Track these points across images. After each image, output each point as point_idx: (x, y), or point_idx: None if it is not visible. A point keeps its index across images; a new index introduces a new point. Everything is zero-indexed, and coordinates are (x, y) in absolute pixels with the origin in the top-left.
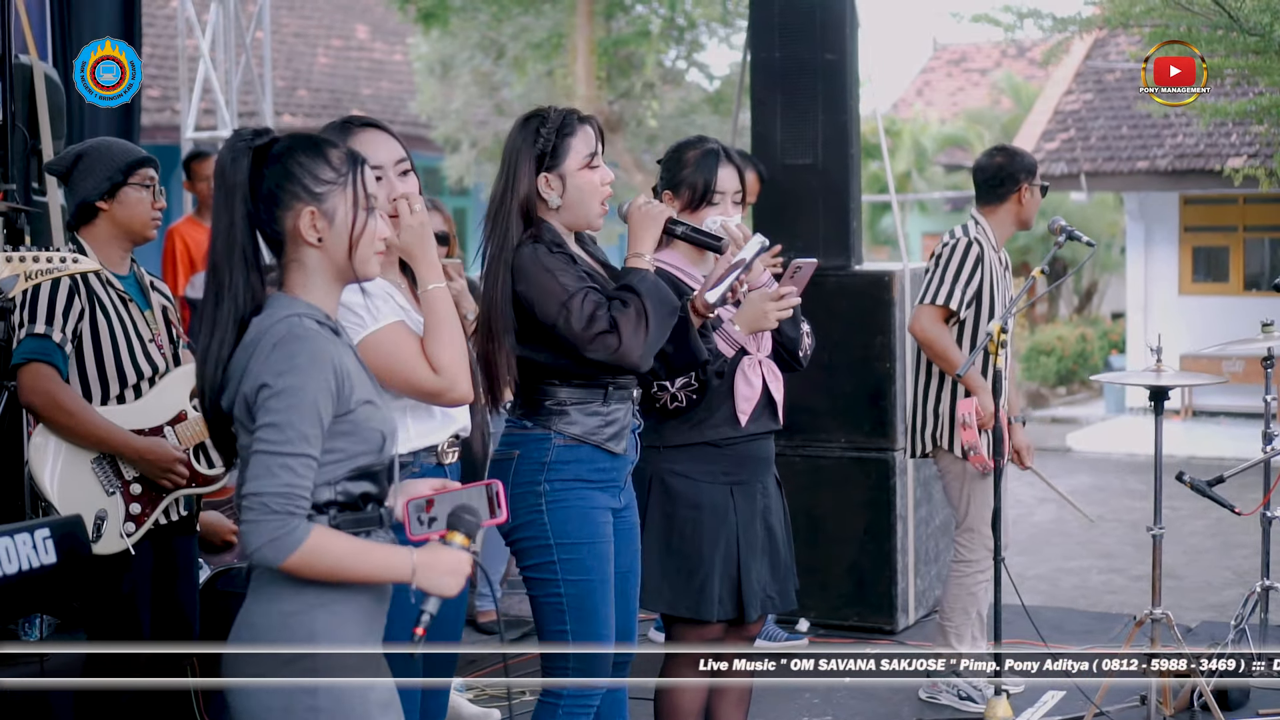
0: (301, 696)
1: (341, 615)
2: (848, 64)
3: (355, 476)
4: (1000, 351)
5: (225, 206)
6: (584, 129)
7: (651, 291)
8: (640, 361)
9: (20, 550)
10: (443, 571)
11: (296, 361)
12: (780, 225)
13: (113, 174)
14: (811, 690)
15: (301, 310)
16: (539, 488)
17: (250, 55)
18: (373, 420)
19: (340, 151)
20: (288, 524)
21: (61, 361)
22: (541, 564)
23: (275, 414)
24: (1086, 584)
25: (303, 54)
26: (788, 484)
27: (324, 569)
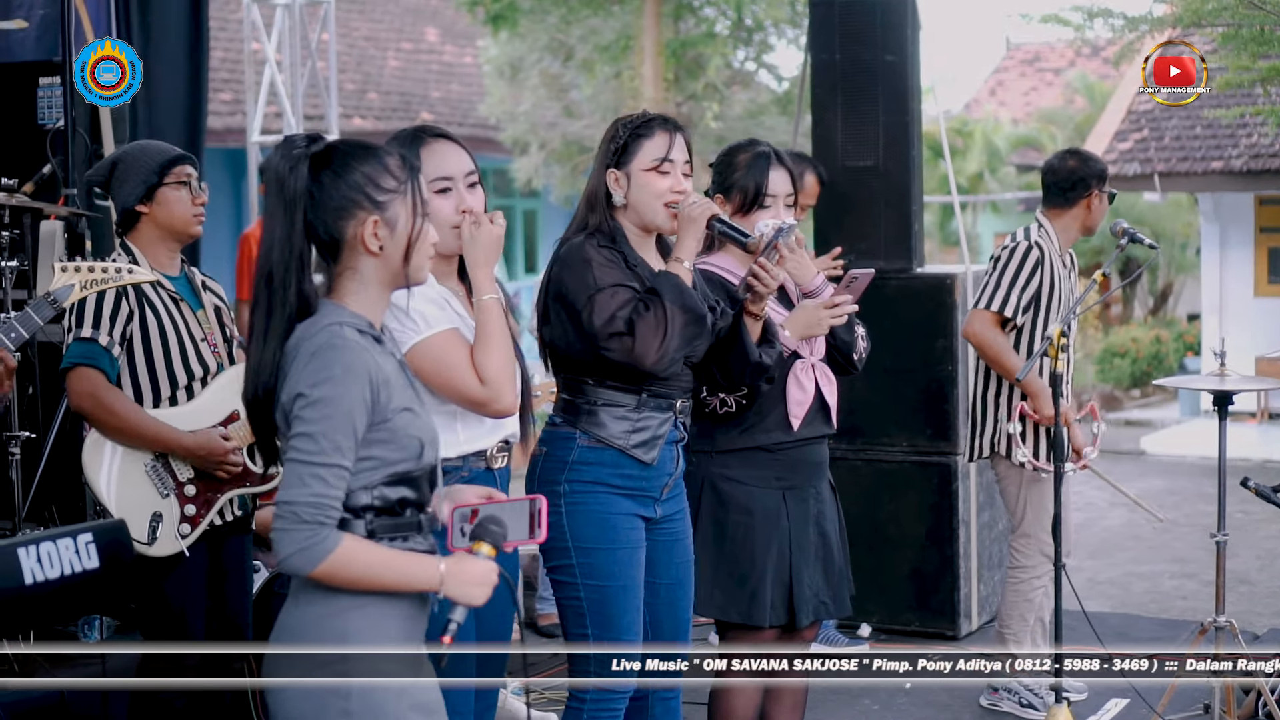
0: (334, 699)
1: (375, 618)
2: (909, 65)
3: (393, 482)
4: (1061, 355)
5: (284, 215)
6: (661, 134)
7: (674, 297)
8: (654, 366)
9: (63, 555)
10: (470, 582)
11: (332, 372)
12: (841, 228)
13: (148, 176)
14: (871, 696)
15: (345, 319)
16: (559, 488)
17: (316, 59)
18: (411, 428)
19: (397, 159)
20: (318, 534)
21: (109, 365)
22: (561, 566)
23: (309, 424)
24: (1158, 589)
25: (373, 57)
26: (849, 488)
27: (352, 577)
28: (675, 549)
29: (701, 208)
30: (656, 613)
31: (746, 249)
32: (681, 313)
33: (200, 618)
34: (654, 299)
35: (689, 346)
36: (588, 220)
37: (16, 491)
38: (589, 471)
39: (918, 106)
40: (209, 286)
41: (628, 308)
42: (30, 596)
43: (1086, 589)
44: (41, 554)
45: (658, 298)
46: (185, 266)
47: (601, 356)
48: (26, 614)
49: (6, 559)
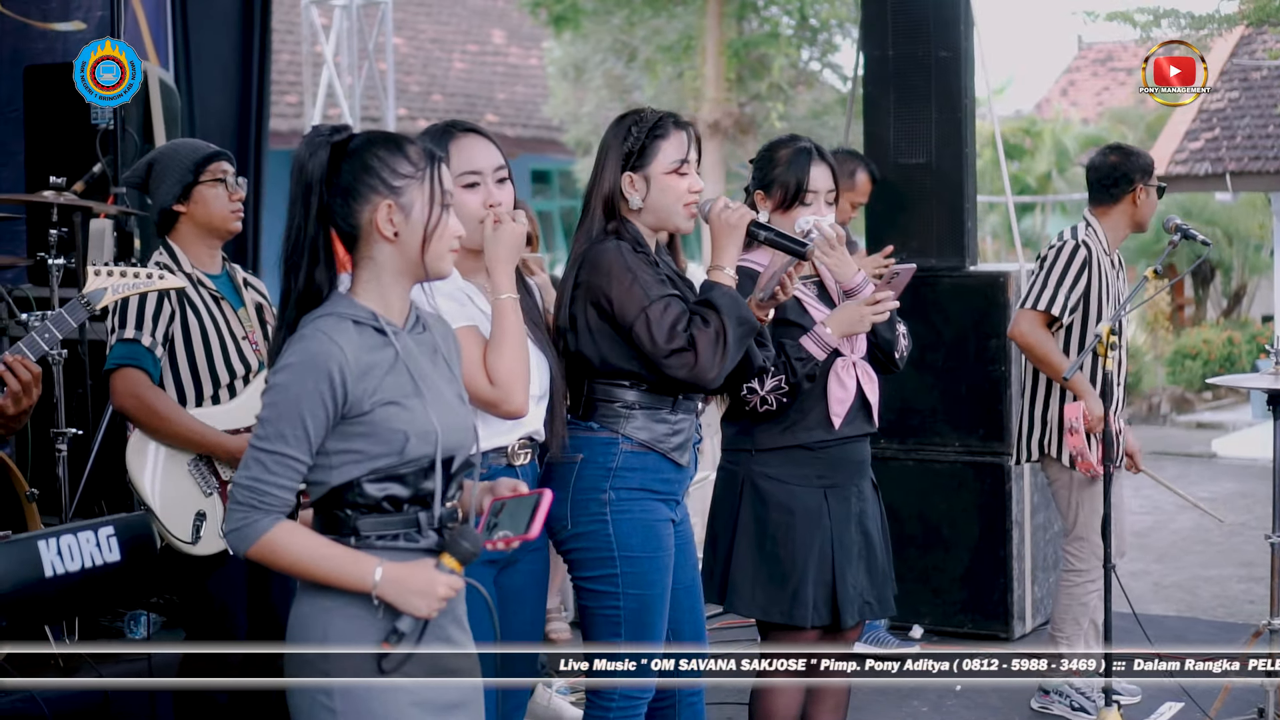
0: (319, 694)
1: (356, 619)
2: (962, 62)
3: (377, 479)
4: (1110, 354)
5: (301, 202)
6: (678, 134)
7: (731, 309)
8: (714, 382)
9: (83, 548)
10: (411, 590)
11: (290, 361)
12: (894, 225)
13: (183, 175)
14: (920, 698)
15: (340, 310)
16: (603, 495)
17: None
18: (395, 421)
19: (418, 147)
20: (249, 516)
21: (152, 365)
22: (602, 576)
23: (264, 409)
24: (1226, 593)
25: (439, 59)
26: (900, 489)
27: (284, 564)
28: (688, 551)
29: (740, 214)
30: (676, 616)
31: (803, 257)
32: (737, 325)
33: (243, 615)
34: (710, 312)
35: (740, 356)
36: (605, 225)
37: (63, 488)
38: (633, 478)
39: (971, 104)
40: (251, 284)
41: (684, 321)
42: (51, 589)
43: (1153, 593)
44: (62, 546)
45: (714, 311)
46: (227, 264)
47: (664, 374)
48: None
49: (27, 551)
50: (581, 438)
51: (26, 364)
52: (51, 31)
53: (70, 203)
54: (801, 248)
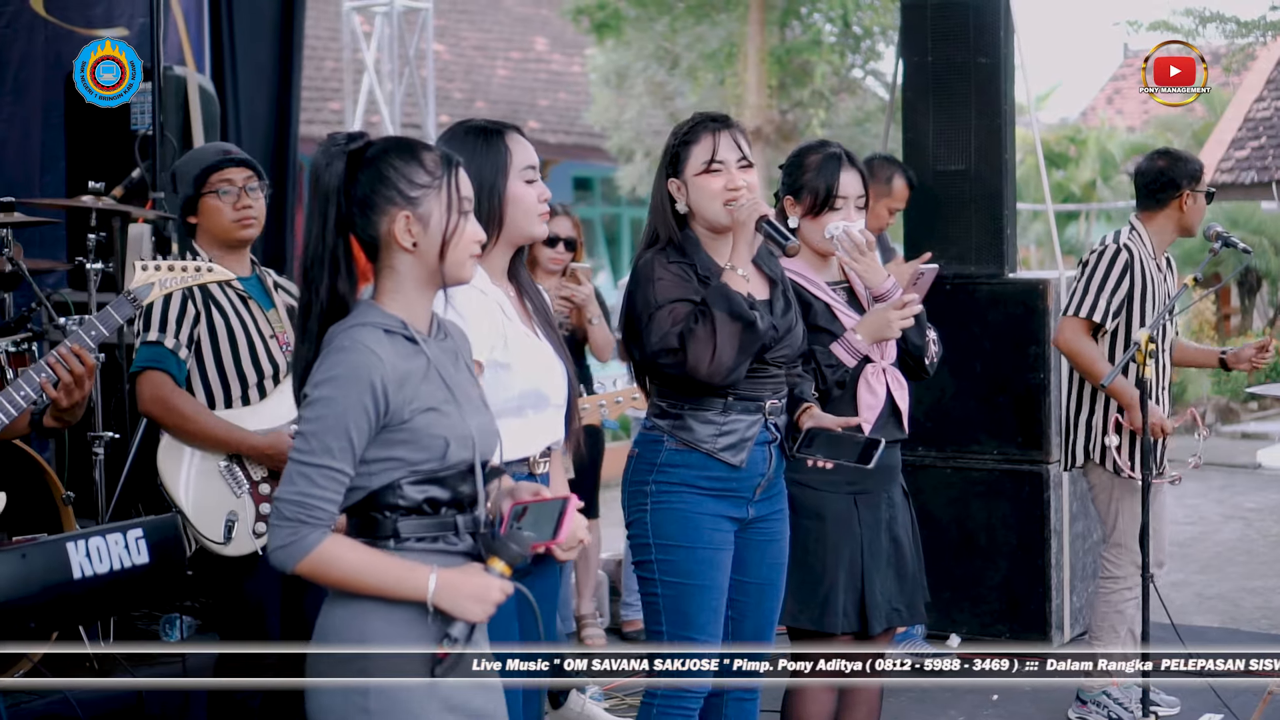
0: (354, 696)
1: (397, 622)
2: (1002, 68)
3: (418, 481)
4: (1149, 361)
5: (319, 211)
6: (705, 136)
7: (722, 305)
8: (709, 377)
9: (112, 550)
10: (466, 595)
11: (333, 373)
12: (932, 232)
13: (186, 189)
14: (957, 707)
15: (371, 319)
16: (647, 488)
17: (414, 67)
18: (435, 427)
19: (435, 154)
20: (298, 531)
21: (176, 368)
22: (643, 562)
23: (305, 422)
24: (1270, 605)
25: (482, 66)
26: (938, 496)
27: (336, 578)
28: (768, 549)
29: (749, 209)
30: (743, 610)
31: (785, 252)
32: (730, 321)
33: (277, 615)
34: (704, 311)
35: (746, 354)
36: (658, 234)
37: (100, 492)
38: (675, 473)
39: (1011, 110)
40: (282, 286)
41: (681, 323)
42: (79, 591)
43: (1195, 604)
44: (90, 549)
45: (707, 309)
46: (257, 268)
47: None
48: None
49: (55, 554)
50: (640, 434)
51: (81, 355)
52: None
53: (109, 207)
54: (784, 241)
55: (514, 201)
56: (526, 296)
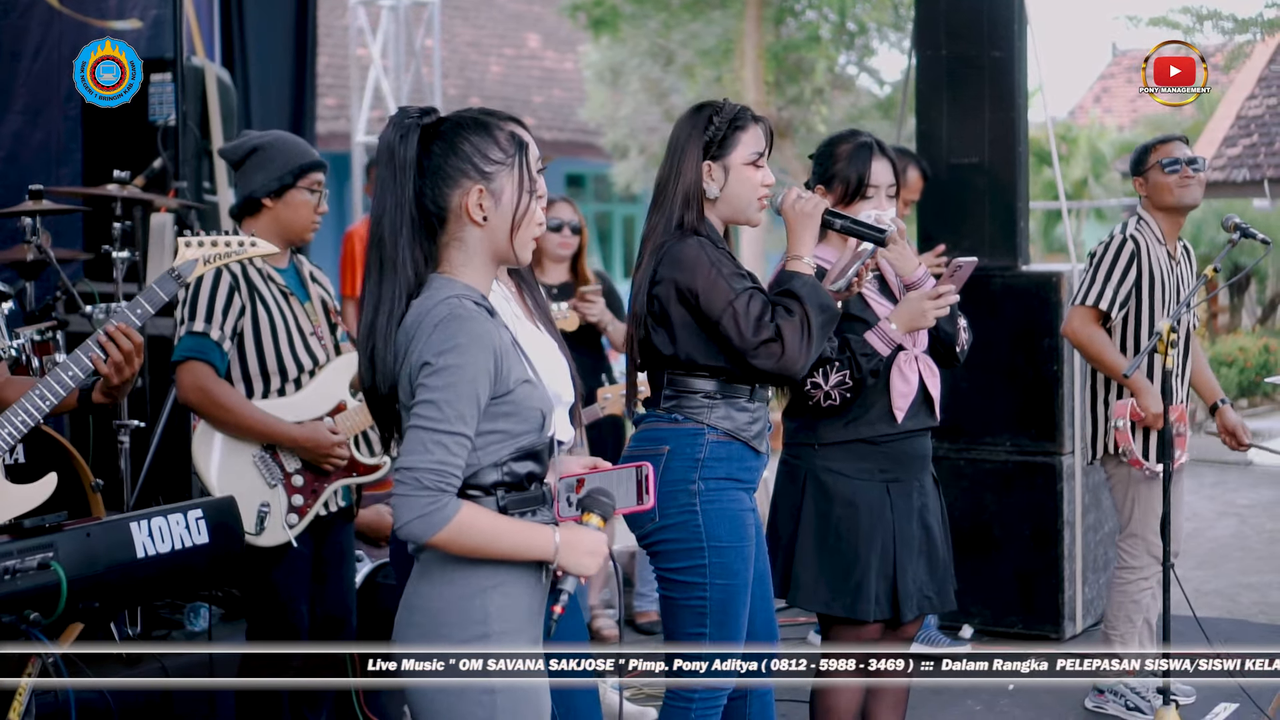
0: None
1: (513, 597)
2: (1015, 62)
3: (520, 457)
4: (1171, 351)
5: (394, 182)
6: (755, 127)
7: (813, 298)
8: (801, 371)
9: (174, 529)
10: (583, 552)
11: (458, 340)
12: (946, 225)
13: (283, 175)
14: (974, 697)
15: (460, 291)
16: (692, 486)
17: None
18: (532, 399)
19: (507, 133)
20: (438, 500)
21: (219, 359)
22: (690, 567)
23: (433, 391)
24: (1267, 600)
25: (476, 63)
26: (952, 488)
27: (469, 545)
28: (759, 540)
29: (815, 203)
30: (751, 604)
31: (882, 243)
32: (819, 312)
33: (305, 606)
34: (793, 302)
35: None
36: (684, 217)
37: (125, 480)
38: (721, 467)
39: (1024, 103)
40: (316, 278)
41: (768, 313)
42: (142, 569)
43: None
44: (153, 528)
45: (797, 300)
46: (293, 257)
47: (745, 363)
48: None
49: (119, 532)
50: (665, 430)
51: (129, 332)
52: (110, 30)
53: (134, 196)
54: (880, 233)
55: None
56: (528, 292)
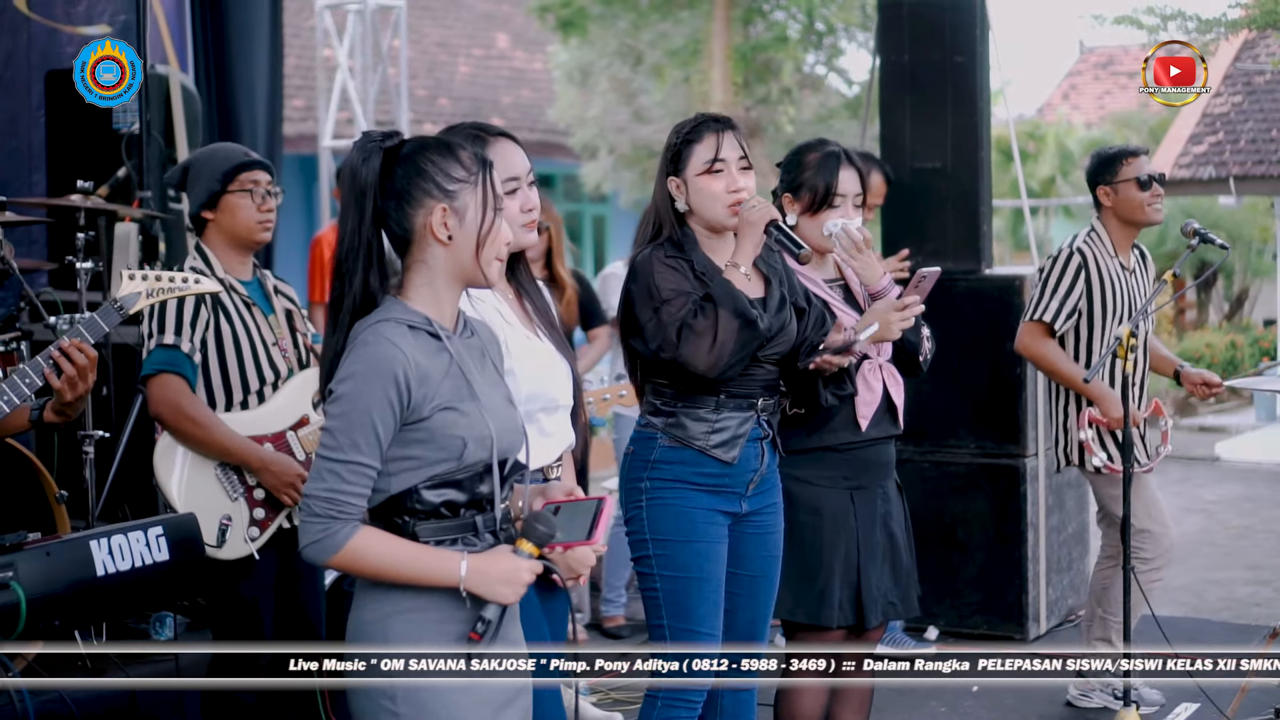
0: (381, 698)
1: (420, 624)
2: (977, 66)
3: (434, 485)
4: (1129, 356)
5: (355, 206)
6: (709, 136)
7: (727, 302)
8: (708, 371)
9: (134, 547)
10: (496, 578)
11: (355, 369)
12: (910, 229)
13: (211, 184)
14: (938, 699)
15: (395, 315)
16: (641, 484)
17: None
18: (453, 427)
19: (470, 152)
20: (329, 527)
21: (190, 372)
22: (641, 558)
23: (331, 419)
24: (1232, 596)
25: (444, 63)
26: (916, 490)
27: (369, 569)
28: (762, 543)
29: (761, 212)
30: (737, 603)
31: (799, 260)
32: (733, 317)
33: (270, 617)
34: (707, 305)
35: (745, 351)
36: (660, 229)
37: (90, 490)
38: (669, 470)
39: (987, 108)
40: (281, 290)
41: (682, 315)
42: (102, 588)
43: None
44: (113, 546)
45: (711, 304)
46: (258, 270)
47: (662, 362)
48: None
49: (79, 551)
50: (636, 432)
51: (83, 348)
52: (79, 36)
53: (96, 206)
54: (798, 249)
55: None
56: (527, 298)
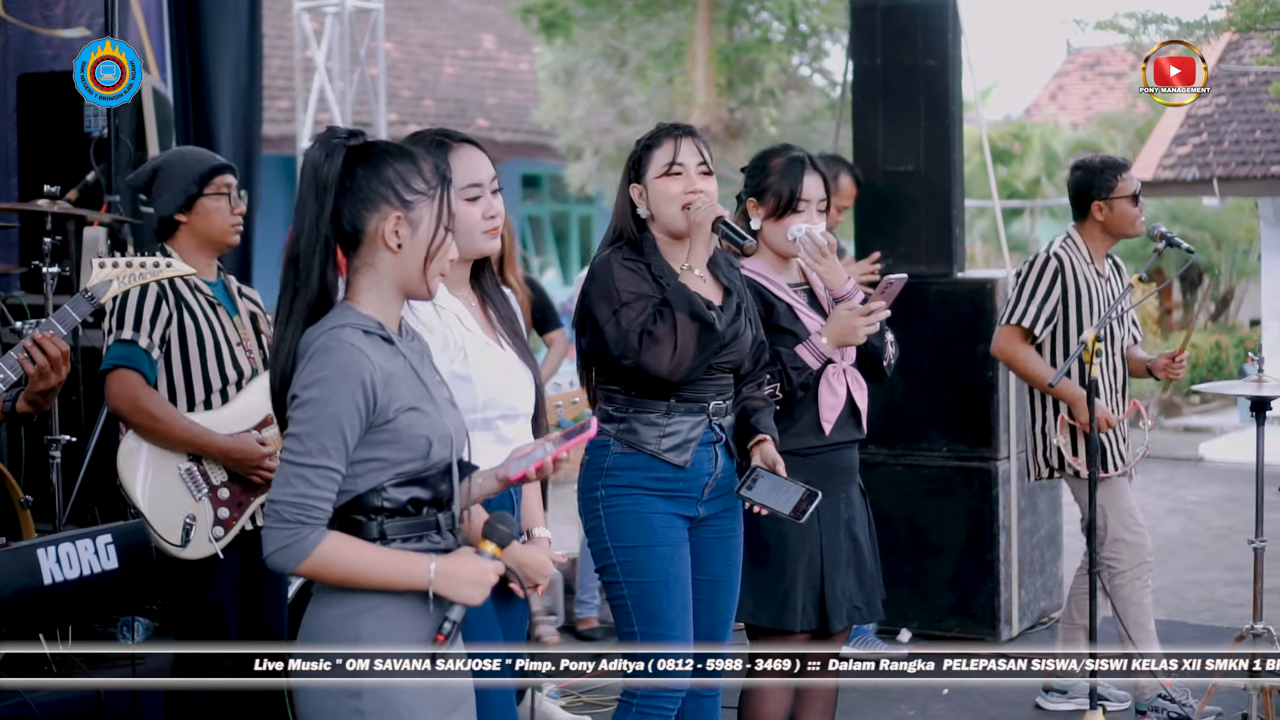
0: (346, 699)
1: (389, 620)
2: (950, 70)
3: (402, 483)
4: (1095, 360)
5: (315, 200)
6: (667, 141)
7: (683, 306)
8: (670, 375)
9: (81, 556)
10: (464, 580)
11: (322, 374)
12: (882, 233)
13: (187, 187)
14: (908, 701)
15: (350, 320)
16: (597, 493)
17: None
18: (417, 427)
19: (431, 165)
20: (299, 532)
21: (148, 367)
22: (606, 566)
23: (297, 424)
24: (1213, 597)
25: (430, 64)
26: (889, 493)
27: (337, 575)
28: (721, 547)
29: (706, 211)
30: (698, 608)
31: (743, 251)
32: (690, 321)
33: (235, 618)
34: (665, 310)
35: (706, 353)
36: (620, 234)
37: (57, 495)
38: (623, 476)
39: (959, 111)
40: (245, 294)
41: (642, 319)
42: (49, 596)
43: None
44: (61, 555)
45: (668, 309)
46: (222, 274)
47: (623, 367)
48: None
49: (26, 559)
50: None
51: (54, 340)
52: (57, 38)
53: (64, 211)
54: (741, 241)
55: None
56: (491, 306)
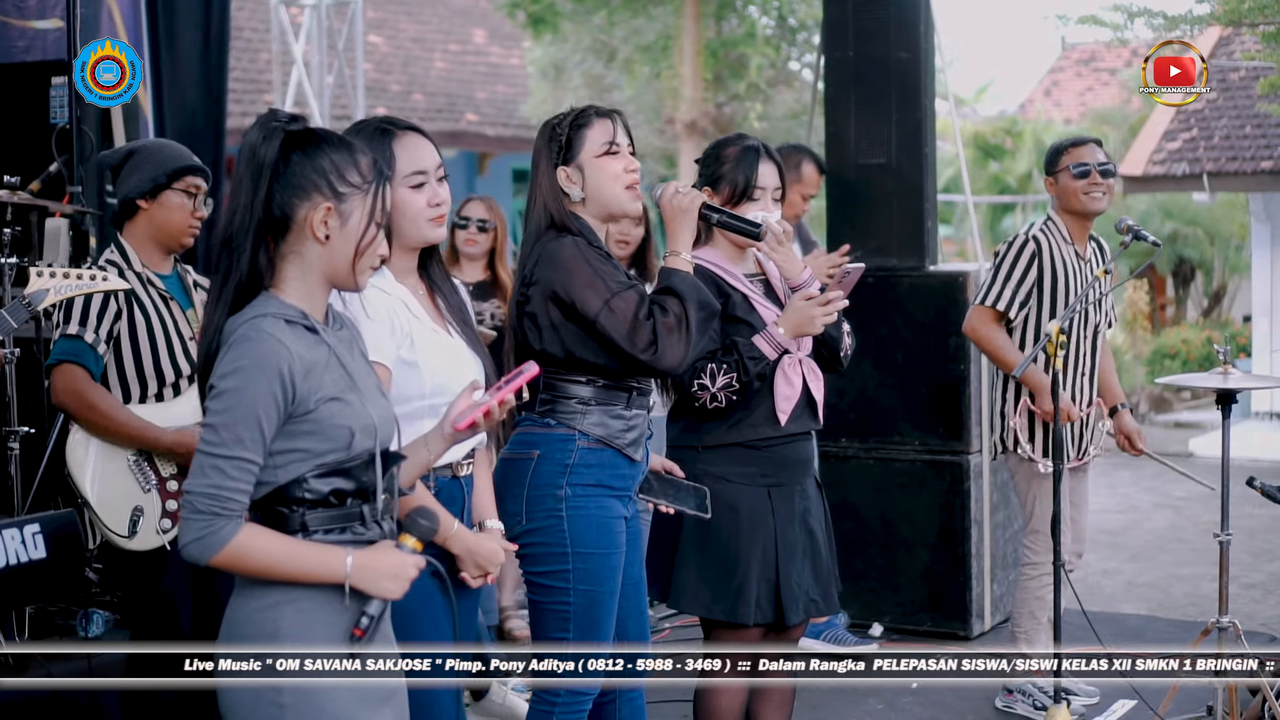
0: (267, 691)
1: (308, 612)
2: (922, 63)
3: (323, 474)
4: (1059, 352)
5: (250, 182)
6: (600, 120)
7: (691, 294)
8: (679, 367)
9: (8, 545)
10: (382, 574)
11: (239, 364)
12: (854, 225)
13: (157, 175)
14: (877, 696)
15: (273, 310)
16: (559, 491)
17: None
18: (339, 417)
19: (370, 160)
20: (213, 524)
21: (93, 362)
22: (554, 571)
23: (213, 415)
24: (1198, 592)
25: (420, 59)
26: (860, 487)
27: (253, 567)
28: (636, 546)
29: (692, 197)
30: (623, 612)
31: (757, 238)
32: (698, 309)
33: (188, 610)
34: (670, 298)
35: (702, 343)
36: (554, 221)
37: (15, 487)
38: (590, 474)
39: (931, 104)
40: (200, 285)
41: (644, 309)
42: None
43: (1125, 591)
44: None
45: (675, 297)
46: (178, 265)
47: (625, 358)
48: None
49: None
50: (538, 434)
51: None
52: (31, 30)
53: (25, 202)
54: (755, 228)
55: (397, 208)
56: (439, 294)
